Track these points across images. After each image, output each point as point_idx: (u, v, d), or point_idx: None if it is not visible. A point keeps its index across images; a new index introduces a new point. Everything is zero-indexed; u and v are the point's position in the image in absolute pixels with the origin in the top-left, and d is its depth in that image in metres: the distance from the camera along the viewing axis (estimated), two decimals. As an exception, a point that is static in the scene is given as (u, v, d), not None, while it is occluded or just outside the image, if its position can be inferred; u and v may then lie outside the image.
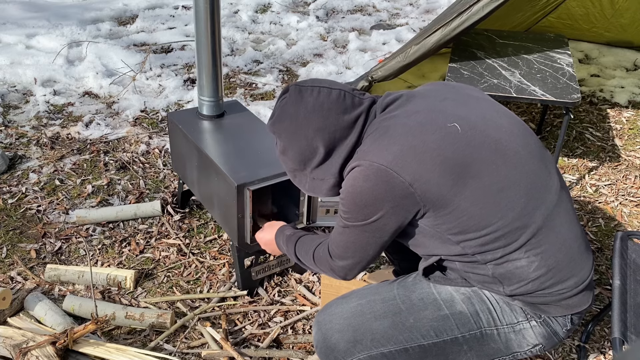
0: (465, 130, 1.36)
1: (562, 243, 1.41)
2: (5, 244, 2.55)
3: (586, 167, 3.27)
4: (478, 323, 1.47)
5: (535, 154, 1.44)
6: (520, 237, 1.37)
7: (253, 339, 2.11)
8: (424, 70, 4.15)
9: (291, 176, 1.60)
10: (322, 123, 1.45)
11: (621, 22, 4.33)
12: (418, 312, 1.49)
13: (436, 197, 1.33)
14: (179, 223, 2.69)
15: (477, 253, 1.39)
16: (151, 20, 5.29)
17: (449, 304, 1.48)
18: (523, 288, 1.41)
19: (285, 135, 1.50)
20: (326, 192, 1.54)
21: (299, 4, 5.97)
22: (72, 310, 2.16)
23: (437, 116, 1.40)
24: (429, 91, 1.52)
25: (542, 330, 1.46)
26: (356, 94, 1.50)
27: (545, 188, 1.42)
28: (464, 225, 1.35)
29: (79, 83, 4.04)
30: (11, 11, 5.22)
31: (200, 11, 2.21)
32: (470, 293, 1.48)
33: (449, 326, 1.47)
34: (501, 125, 1.43)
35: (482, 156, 1.35)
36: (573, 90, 2.68)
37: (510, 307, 1.46)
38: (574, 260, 1.43)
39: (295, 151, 1.50)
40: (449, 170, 1.32)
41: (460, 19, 2.70)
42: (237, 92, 4.03)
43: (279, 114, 1.52)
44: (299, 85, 1.50)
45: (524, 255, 1.38)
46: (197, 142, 2.26)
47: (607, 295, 2.37)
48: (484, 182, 1.34)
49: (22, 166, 3.10)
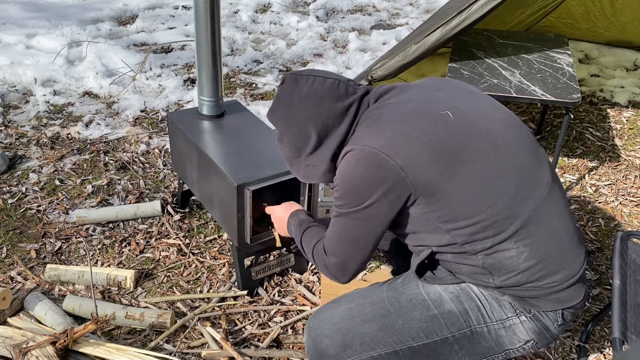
0: (458, 119, 1.38)
1: (552, 235, 1.42)
2: (5, 244, 2.55)
3: (586, 167, 3.27)
4: (467, 321, 1.47)
5: (527, 146, 1.45)
6: (510, 227, 1.37)
7: (253, 339, 2.11)
8: (424, 70, 4.14)
9: (288, 165, 1.62)
10: (315, 110, 1.47)
11: (621, 21, 4.32)
12: (407, 313, 1.49)
13: (427, 183, 1.34)
14: (179, 223, 2.69)
15: (467, 242, 1.39)
16: (151, 20, 5.29)
17: (437, 303, 1.48)
18: (512, 279, 1.41)
19: (280, 123, 1.53)
20: (319, 178, 1.55)
21: (299, 4, 5.97)
22: (72, 310, 2.16)
23: (430, 105, 1.42)
24: (424, 83, 1.55)
25: (532, 325, 1.46)
26: (350, 83, 1.52)
27: (536, 180, 1.42)
28: (453, 212, 1.36)
29: (79, 83, 4.05)
30: (11, 11, 5.22)
31: (200, 11, 2.21)
32: (459, 291, 1.49)
33: (438, 326, 1.47)
34: (494, 117, 1.45)
35: (472, 144, 1.37)
36: (573, 90, 2.68)
37: (499, 303, 1.47)
38: (564, 253, 1.43)
39: (290, 138, 1.52)
40: (439, 156, 1.34)
41: (459, 17, 2.70)
42: (237, 92, 4.03)
43: (275, 102, 1.55)
44: (295, 74, 1.53)
45: (513, 245, 1.38)
46: (197, 142, 2.26)
47: (607, 295, 2.37)
48: (474, 170, 1.35)
49: (22, 166, 3.10)
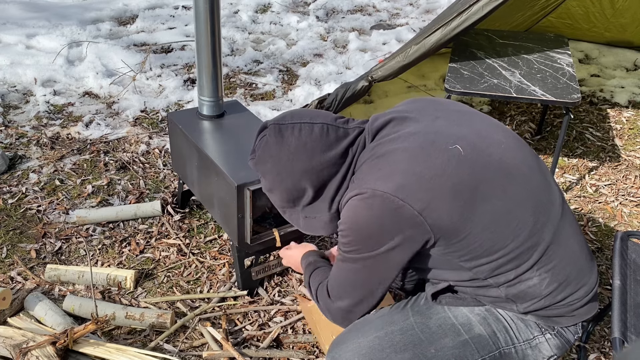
0: (468, 152, 1.31)
1: (570, 256, 1.40)
2: (5, 244, 2.55)
3: (586, 167, 3.27)
4: (496, 344, 1.44)
5: (534, 167, 1.41)
6: (532, 256, 1.34)
7: (253, 339, 2.11)
8: (424, 70, 4.15)
9: (281, 212, 1.53)
10: (308, 164, 1.37)
11: (621, 22, 4.32)
12: (438, 340, 1.43)
13: (447, 225, 1.27)
14: (179, 223, 2.69)
15: (490, 277, 1.35)
16: (151, 20, 5.29)
17: (467, 327, 1.44)
18: (536, 304, 1.39)
19: (269, 176, 1.44)
20: (321, 229, 1.47)
21: (299, 4, 5.96)
22: (72, 310, 2.16)
23: (436, 138, 1.33)
24: (417, 110, 1.44)
25: (556, 341, 1.45)
26: (340, 124, 1.42)
27: (550, 202, 1.39)
28: (476, 251, 1.31)
29: (79, 83, 4.04)
30: (11, 11, 5.22)
31: (200, 11, 2.21)
32: (485, 313, 1.45)
33: (469, 351, 1.43)
34: (499, 141, 1.38)
35: (487, 178, 1.30)
36: (573, 90, 2.68)
37: (525, 323, 1.44)
38: (582, 270, 1.42)
39: (282, 191, 1.44)
40: (458, 196, 1.26)
41: (460, 18, 2.70)
42: (237, 92, 4.03)
43: (260, 154, 1.44)
44: (277, 124, 1.41)
45: (535, 273, 1.35)
46: (197, 142, 2.26)
47: (607, 295, 2.37)
48: (493, 205, 1.29)
49: (22, 166, 3.10)
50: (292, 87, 4.13)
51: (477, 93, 2.66)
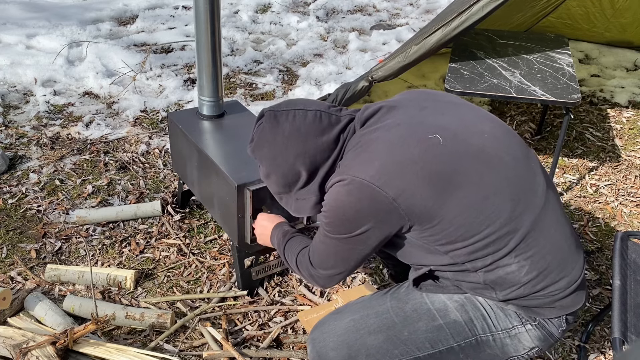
0: (447, 141, 1.36)
1: (551, 245, 1.41)
2: (5, 244, 2.55)
3: (586, 167, 3.27)
4: (473, 331, 1.46)
5: (519, 156, 1.43)
6: (509, 243, 1.36)
7: (253, 339, 2.11)
8: (424, 70, 4.15)
9: (277, 198, 1.61)
10: (302, 148, 1.46)
11: (621, 22, 4.32)
12: (412, 324, 1.48)
13: (420, 211, 1.33)
14: (179, 223, 2.69)
15: (467, 262, 1.38)
16: (151, 20, 5.29)
17: (442, 313, 1.47)
18: (515, 292, 1.40)
19: (265, 162, 1.52)
20: (310, 210, 1.55)
21: (299, 4, 5.97)
22: (72, 310, 2.16)
23: (418, 128, 1.39)
24: (407, 101, 1.51)
25: (537, 333, 1.46)
26: (332, 111, 1.49)
27: (532, 191, 1.41)
28: (451, 236, 1.35)
29: (79, 83, 4.05)
30: (11, 11, 5.22)
31: (200, 11, 2.21)
32: (464, 300, 1.48)
33: (443, 336, 1.46)
34: (483, 130, 1.42)
35: (465, 166, 1.35)
36: (573, 90, 2.68)
37: (505, 312, 1.46)
38: (564, 261, 1.43)
39: (279, 176, 1.52)
40: (432, 184, 1.32)
41: (460, 18, 2.70)
42: (237, 92, 4.03)
43: (257, 140, 1.53)
44: (273, 110, 1.51)
45: (513, 260, 1.37)
46: (197, 142, 2.26)
47: (607, 295, 2.37)
48: (468, 192, 1.33)
49: (22, 166, 3.10)
50: (292, 87, 4.13)
51: (477, 93, 2.66)
